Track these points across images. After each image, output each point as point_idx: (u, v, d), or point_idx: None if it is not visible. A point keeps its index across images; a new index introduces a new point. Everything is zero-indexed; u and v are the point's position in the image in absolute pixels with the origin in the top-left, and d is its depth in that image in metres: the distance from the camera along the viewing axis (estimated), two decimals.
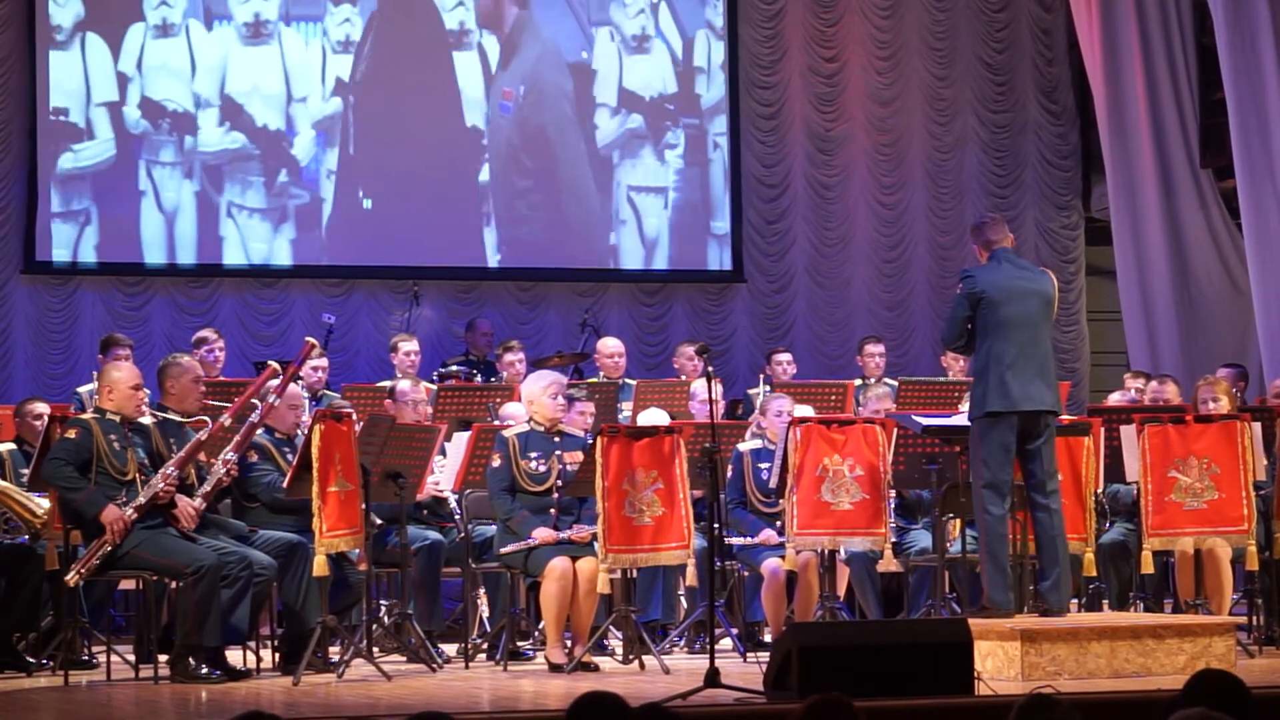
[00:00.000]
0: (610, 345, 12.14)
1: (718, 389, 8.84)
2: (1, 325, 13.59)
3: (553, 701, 7.18)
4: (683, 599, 9.73)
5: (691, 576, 8.82)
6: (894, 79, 15.35)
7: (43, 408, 9.39)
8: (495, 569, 9.13)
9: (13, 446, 9.26)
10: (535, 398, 8.97)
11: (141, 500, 8.01)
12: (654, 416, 9.98)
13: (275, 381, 8.62)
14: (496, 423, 9.86)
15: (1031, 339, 8.11)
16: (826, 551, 8.96)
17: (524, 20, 14.57)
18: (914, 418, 8.86)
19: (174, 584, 8.21)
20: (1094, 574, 9.06)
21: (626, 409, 11.05)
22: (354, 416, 8.64)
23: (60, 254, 13.58)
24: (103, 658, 8.49)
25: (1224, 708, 4.22)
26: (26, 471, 8.83)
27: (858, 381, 12.01)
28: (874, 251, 15.28)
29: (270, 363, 8.93)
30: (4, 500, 8.79)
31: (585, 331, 13.73)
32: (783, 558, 8.90)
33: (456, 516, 9.48)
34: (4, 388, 13.30)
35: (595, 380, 11.70)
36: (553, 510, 8.80)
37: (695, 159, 14.80)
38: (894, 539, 9.04)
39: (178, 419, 8.44)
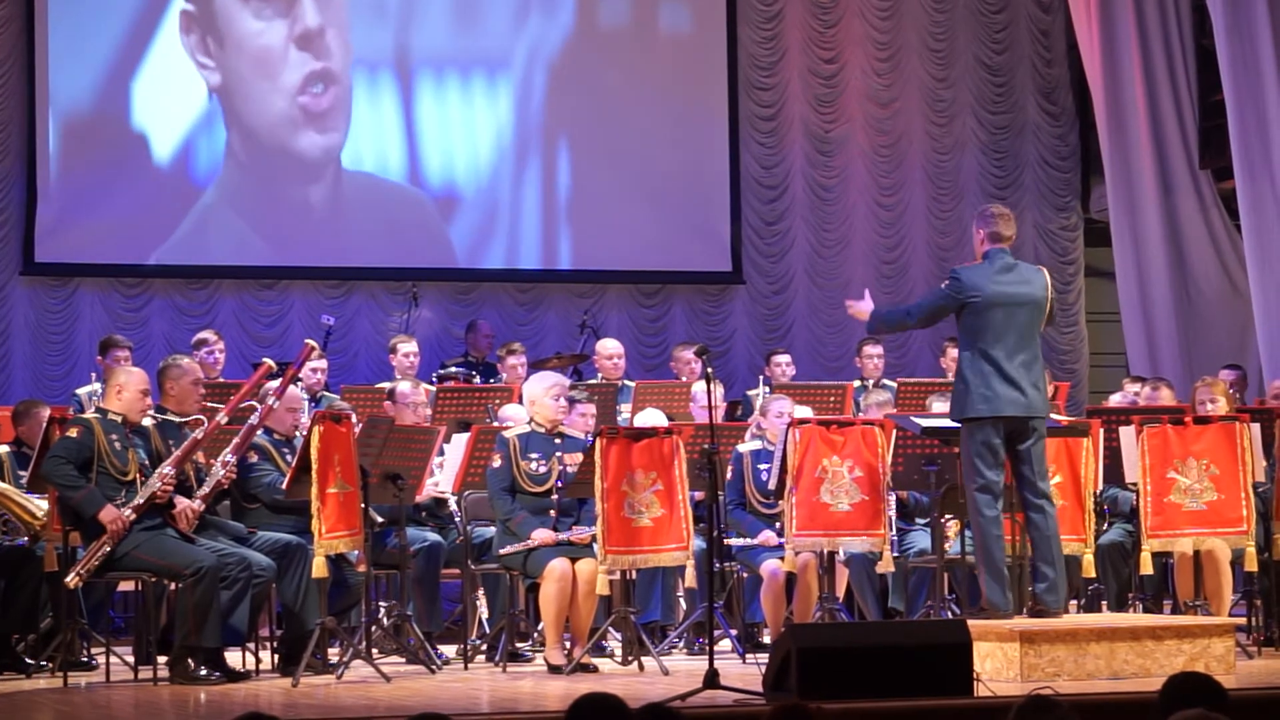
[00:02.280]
0: (609, 346, 12.14)
1: (718, 391, 8.83)
2: (0, 326, 13.58)
3: (552, 703, 7.17)
4: (682, 600, 9.73)
5: (690, 578, 8.80)
6: (893, 80, 15.35)
7: (47, 411, 9.37)
8: (494, 570, 9.13)
9: (9, 448, 9.24)
10: (537, 399, 8.96)
11: (139, 500, 8.01)
12: (651, 417, 9.96)
13: (274, 383, 8.62)
14: (495, 424, 9.85)
15: (1018, 344, 8.01)
16: (826, 553, 8.95)
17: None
18: (913, 419, 8.85)
19: (173, 585, 8.21)
20: (1093, 575, 9.05)
21: (625, 410, 11.04)
22: (353, 418, 8.64)
23: (59, 255, 13.56)
24: (102, 659, 8.48)
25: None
26: (25, 474, 8.82)
27: (857, 383, 12.01)
28: (873, 253, 15.28)
29: (265, 360, 8.91)
30: (3, 502, 8.78)
31: (584, 333, 13.73)
32: (782, 559, 8.90)
33: (456, 519, 9.48)
34: (3, 389, 13.29)
35: (594, 381, 11.70)
36: (552, 511, 8.79)
37: (694, 160, 14.79)
38: (896, 552, 9.04)
39: (176, 420, 8.44)
